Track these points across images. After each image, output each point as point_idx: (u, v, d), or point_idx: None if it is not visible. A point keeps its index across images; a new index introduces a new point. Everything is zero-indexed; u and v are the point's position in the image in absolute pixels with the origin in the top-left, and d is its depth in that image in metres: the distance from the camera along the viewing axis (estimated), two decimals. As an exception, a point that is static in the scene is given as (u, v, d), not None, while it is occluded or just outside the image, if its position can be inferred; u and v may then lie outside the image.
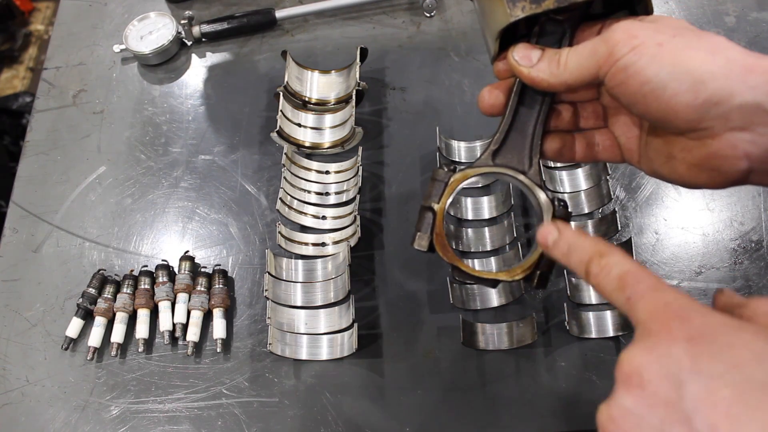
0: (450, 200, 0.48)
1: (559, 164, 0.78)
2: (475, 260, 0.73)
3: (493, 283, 0.48)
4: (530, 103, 0.48)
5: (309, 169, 0.81)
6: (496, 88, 0.49)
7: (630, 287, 0.36)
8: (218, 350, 0.71)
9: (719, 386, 0.30)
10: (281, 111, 0.79)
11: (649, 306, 0.35)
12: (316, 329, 0.69)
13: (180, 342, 0.72)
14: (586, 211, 0.75)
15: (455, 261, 0.48)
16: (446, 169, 0.48)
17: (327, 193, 0.80)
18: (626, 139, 0.49)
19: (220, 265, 0.76)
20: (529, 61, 0.45)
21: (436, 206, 0.47)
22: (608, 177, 0.73)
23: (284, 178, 0.77)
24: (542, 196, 0.47)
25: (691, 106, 0.39)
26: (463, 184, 0.49)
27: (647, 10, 0.46)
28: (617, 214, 0.72)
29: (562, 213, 0.46)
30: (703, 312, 0.34)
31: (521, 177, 0.48)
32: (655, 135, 0.45)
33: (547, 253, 0.44)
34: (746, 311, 0.36)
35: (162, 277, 0.74)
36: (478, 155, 0.79)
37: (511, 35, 0.47)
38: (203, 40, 0.95)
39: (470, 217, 0.77)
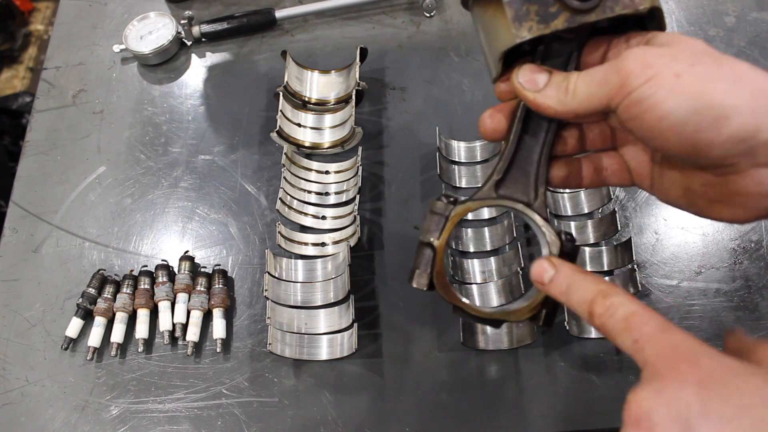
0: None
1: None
2: (475, 260, 0.73)
3: (498, 323, 0.46)
4: (535, 129, 0.45)
5: (309, 169, 0.81)
6: (498, 112, 0.46)
7: (637, 329, 0.35)
8: (218, 350, 0.71)
9: (729, 430, 0.30)
10: (281, 111, 0.79)
11: (658, 347, 0.34)
12: (315, 329, 0.69)
13: (180, 342, 0.72)
14: (586, 211, 0.75)
15: (457, 301, 0.45)
16: (446, 201, 0.45)
17: (327, 193, 0.80)
18: (636, 163, 0.46)
19: (219, 265, 0.76)
20: (535, 85, 0.42)
21: (435, 242, 0.44)
22: (608, 177, 0.73)
23: (284, 178, 0.77)
24: (548, 230, 0.45)
25: (715, 143, 0.36)
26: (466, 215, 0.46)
27: (660, 27, 0.42)
28: (617, 214, 0.72)
29: (570, 248, 0.44)
30: (711, 355, 0.33)
31: (526, 210, 0.46)
32: (671, 167, 0.43)
33: (542, 290, 0.43)
34: (756, 355, 0.35)
35: (162, 277, 0.74)
36: (478, 156, 0.80)
37: (514, 52, 0.44)
38: (203, 40, 0.95)
39: (470, 217, 0.76)
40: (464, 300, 0.45)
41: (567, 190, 0.76)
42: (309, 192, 0.79)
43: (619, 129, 0.46)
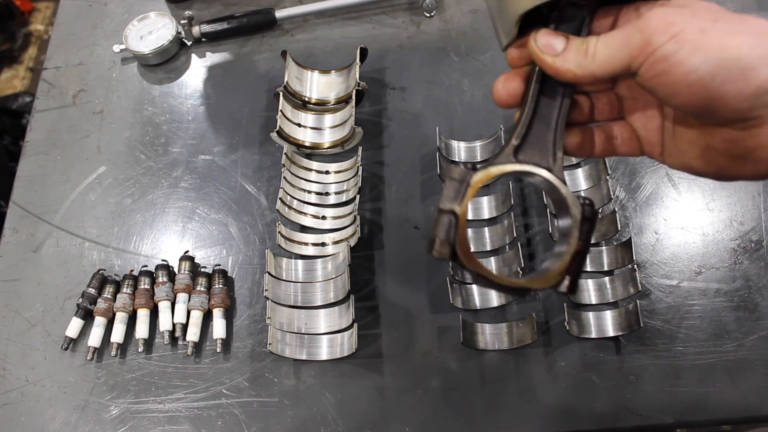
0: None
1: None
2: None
3: (523, 292, 0.45)
4: (551, 94, 0.45)
5: (309, 169, 0.81)
6: (511, 78, 0.45)
7: None
8: (218, 350, 0.71)
9: None
10: (281, 111, 0.79)
11: None
12: (315, 329, 0.69)
13: (180, 342, 0.72)
14: (586, 211, 0.74)
15: (482, 270, 0.44)
16: (464, 168, 0.44)
17: (327, 193, 0.80)
18: (646, 131, 0.46)
19: (220, 265, 0.76)
20: (553, 50, 0.42)
21: (457, 209, 0.43)
22: (608, 177, 0.73)
23: (284, 178, 0.77)
24: (569, 195, 0.44)
25: (742, 95, 0.37)
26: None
27: None
28: (617, 214, 0.72)
29: (589, 212, 0.44)
30: None
31: (547, 174, 0.45)
32: (688, 126, 0.43)
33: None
34: None
35: (162, 277, 0.74)
36: (478, 156, 0.80)
37: (525, 19, 0.44)
38: (203, 40, 0.95)
39: (470, 217, 0.77)
40: (487, 269, 0.44)
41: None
42: (309, 192, 0.79)
43: (627, 98, 0.46)
